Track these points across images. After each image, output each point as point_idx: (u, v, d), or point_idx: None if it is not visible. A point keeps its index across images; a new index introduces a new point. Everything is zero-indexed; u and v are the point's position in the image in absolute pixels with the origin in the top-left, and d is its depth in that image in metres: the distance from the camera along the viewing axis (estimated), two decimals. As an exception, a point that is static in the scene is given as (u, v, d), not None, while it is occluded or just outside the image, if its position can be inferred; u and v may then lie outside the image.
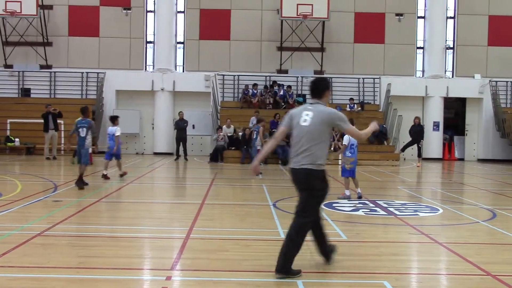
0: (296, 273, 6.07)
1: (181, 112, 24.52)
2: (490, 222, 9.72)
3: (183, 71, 27.99)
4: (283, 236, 8.09)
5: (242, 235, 8.22)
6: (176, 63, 28.05)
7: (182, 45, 28.01)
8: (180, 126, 23.95)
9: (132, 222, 9.32)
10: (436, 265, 7.06)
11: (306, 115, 6.30)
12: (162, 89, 27.01)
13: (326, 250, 6.59)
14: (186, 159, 23.47)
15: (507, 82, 27.73)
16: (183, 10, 27.98)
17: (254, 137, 20.70)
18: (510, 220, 10.16)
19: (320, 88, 6.50)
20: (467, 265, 6.76)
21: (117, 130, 15.68)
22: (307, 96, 26.92)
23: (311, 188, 6.23)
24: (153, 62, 27.85)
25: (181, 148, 23.91)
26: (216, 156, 23.11)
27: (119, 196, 12.49)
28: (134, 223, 9.27)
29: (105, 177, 15.23)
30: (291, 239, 6.16)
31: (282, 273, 6.02)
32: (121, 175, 15.85)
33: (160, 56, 27.49)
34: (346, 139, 12.16)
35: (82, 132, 13.63)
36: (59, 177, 17.24)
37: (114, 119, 16.02)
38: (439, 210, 11.02)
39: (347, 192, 12.23)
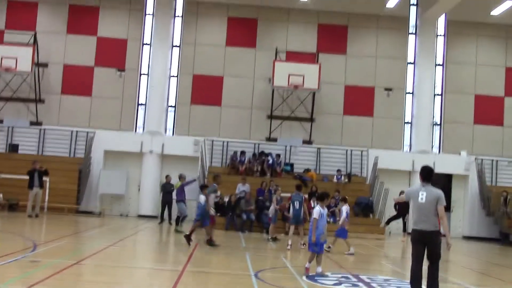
0: None
1: (168, 175, 24.40)
2: (473, 303, 9.59)
3: (173, 135, 28.13)
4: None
5: (221, 307, 8.04)
6: (166, 126, 28.23)
7: (173, 108, 28.28)
8: (167, 190, 23.78)
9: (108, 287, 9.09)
10: None
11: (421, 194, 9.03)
12: (150, 151, 27.04)
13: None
14: (170, 223, 23.20)
15: (492, 160, 28.07)
16: (176, 74, 28.43)
17: (297, 206, 19.10)
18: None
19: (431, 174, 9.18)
20: None
21: (200, 198, 16.18)
22: (295, 165, 27.06)
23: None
24: (144, 124, 28.01)
25: (166, 212, 23.71)
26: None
27: (99, 259, 12.24)
28: (111, 288, 9.04)
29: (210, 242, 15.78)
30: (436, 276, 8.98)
31: None
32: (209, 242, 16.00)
33: (151, 119, 27.67)
34: (317, 211, 11.46)
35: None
36: (39, 236, 16.93)
37: (203, 188, 16.63)
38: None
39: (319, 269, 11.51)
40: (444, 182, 29.31)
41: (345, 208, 16.63)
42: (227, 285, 9.94)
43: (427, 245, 9.03)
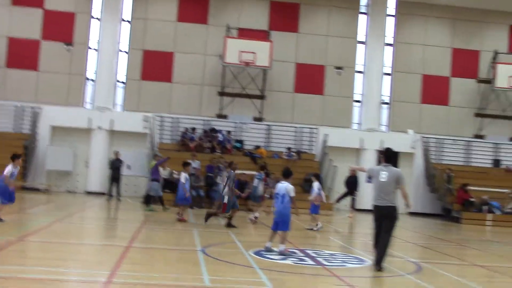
0: None
1: (117, 151, 24.12)
2: (415, 276, 9.89)
3: (122, 110, 27.69)
4: (207, 283, 7.99)
5: (167, 281, 8.03)
6: (115, 102, 27.76)
7: (123, 84, 27.80)
8: (115, 166, 23.51)
9: (54, 264, 8.92)
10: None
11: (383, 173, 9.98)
12: (99, 127, 26.55)
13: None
14: (119, 199, 22.98)
15: (437, 139, 28.83)
16: (126, 49, 27.90)
17: (256, 184, 19.35)
18: (434, 273, 10.36)
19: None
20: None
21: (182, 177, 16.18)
22: (245, 142, 27.13)
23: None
24: (92, 100, 27.45)
25: (114, 188, 23.45)
26: (149, 198, 22.69)
27: (44, 236, 12.01)
28: (56, 264, 8.88)
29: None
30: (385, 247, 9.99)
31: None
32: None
33: (100, 94, 27.13)
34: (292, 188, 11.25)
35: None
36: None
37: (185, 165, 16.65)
38: (366, 261, 11.13)
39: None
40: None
41: (316, 185, 16.95)
42: (173, 261, 9.95)
43: (384, 218, 10.06)
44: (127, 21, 27.97)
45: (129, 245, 11.01)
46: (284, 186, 11.23)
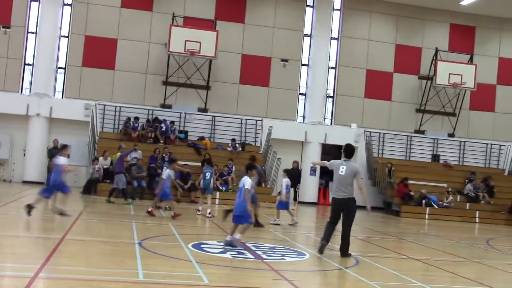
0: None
1: (55, 139, 23.39)
2: (352, 269, 9.93)
3: (62, 98, 26.86)
4: (141, 277, 7.76)
5: (97, 276, 7.73)
6: (55, 89, 26.89)
7: (64, 70, 26.95)
8: (54, 155, 22.73)
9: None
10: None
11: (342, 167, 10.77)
12: (37, 115, 25.69)
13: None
14: (57, 189, 22.26)
15: (379, 133, 29.30)
16: (67, 34, 27.04)
17: (209, 177, 18.97)
18: (371, 267, 10.43)
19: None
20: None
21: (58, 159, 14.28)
22: (190, 133, 26.81)
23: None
24: (30, 86, 26.51)
25: (52, 178, 22.75)
26: (89, 188, 22.17)
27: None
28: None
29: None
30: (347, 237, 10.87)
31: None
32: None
33: (38, 80, 26.23)
34: (249, 182, 11.27)
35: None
36: None
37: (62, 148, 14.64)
38: (306, 255, 11.13)
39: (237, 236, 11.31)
40: (335, 153, 30.22)
41: (285, 181, 16.93)
42: (107, 253, 9.64)
43: (344, 210, 10.83)
44: (69, 4, 27.07)
45: (63, 237, 10.62)
46: (243, 180, 11.33)
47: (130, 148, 21.39)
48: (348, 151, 11.16)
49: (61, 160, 13.97)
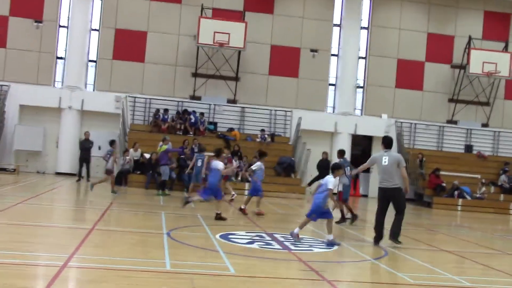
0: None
1: (87, 132, 23.71)
2: (380, 261, 9.81)
3: (93, 90, 27.17)
4: (168, 267, 7.79)
5: (125, 265, 7.79)
6: (86, 82, 27.21)
7: (94, 63, 27.25)
8: (85, 147, 23.14)
9: (7, 247, 8.56)
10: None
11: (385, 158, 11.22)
12: (69, 107, 26.05)
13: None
14: (88, 180, 22.58)
15: (411, 123, 28.90)
16: (97, 28, 27.30)
17: (200, 164, 19.39)
18: (401, 259, 10.29)
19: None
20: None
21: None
22: (219, 124, 26.87)
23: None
24: (62, 79, 26.88)
25: (84, 170, 23.10)
26: (120, 179, 22.40)
27: (6, 217, 11.64)
28: (9, 247, 8.52)
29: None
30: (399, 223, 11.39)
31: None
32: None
33: (70, 73, 26.57)
34: (333, 181, 11.02)
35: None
36: None
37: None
38: (334, 246, 11.01)
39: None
40: (365, 144, 29.99)
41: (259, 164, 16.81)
42: (135, 243, 9.71)
43: (391, 199, 11.34)
44: (99, -2, 27.33)
45: (92, 228, 10.73)
46: (328, 178, 11.05)
47: (179, 147, 22.23)
48: (387, 142, 11.59)
49: (220, 165, 14.01)
